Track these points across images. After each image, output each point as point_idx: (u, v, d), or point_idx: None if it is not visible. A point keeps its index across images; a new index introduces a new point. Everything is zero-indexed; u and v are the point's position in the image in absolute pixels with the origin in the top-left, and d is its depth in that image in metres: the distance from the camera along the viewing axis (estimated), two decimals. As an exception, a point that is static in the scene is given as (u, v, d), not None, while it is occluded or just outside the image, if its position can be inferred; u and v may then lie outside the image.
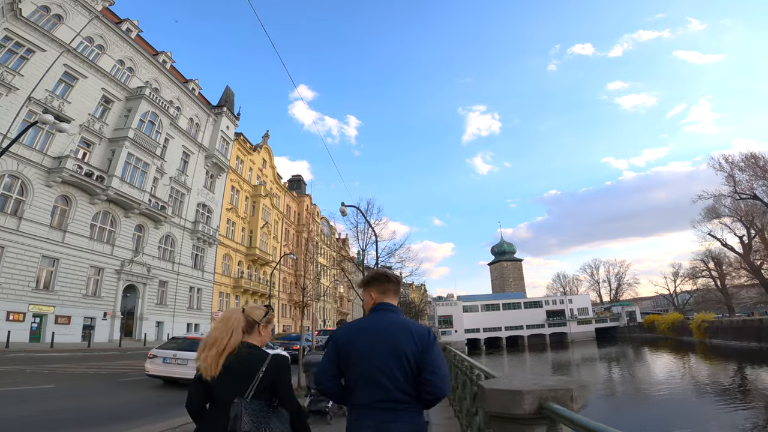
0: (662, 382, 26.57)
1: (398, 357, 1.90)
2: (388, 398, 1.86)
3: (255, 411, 1.76)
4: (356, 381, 1.92)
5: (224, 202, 35.54)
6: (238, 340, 1.89)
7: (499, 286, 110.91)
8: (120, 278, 23.52)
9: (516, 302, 72.79)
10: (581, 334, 65.56)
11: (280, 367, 1.91)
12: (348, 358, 1.95)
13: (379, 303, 2.12)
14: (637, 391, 25.06)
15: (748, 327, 39.40)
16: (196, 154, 32.63)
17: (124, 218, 24.52)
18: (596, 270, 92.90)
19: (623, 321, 69.17)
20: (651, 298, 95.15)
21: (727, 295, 53.92)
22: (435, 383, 1.87)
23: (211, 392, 1.85)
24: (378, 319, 2.04)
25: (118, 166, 23.72)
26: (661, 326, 58.04)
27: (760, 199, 36.39)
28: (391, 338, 1.93)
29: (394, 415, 1.85)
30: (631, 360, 42.22)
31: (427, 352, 1.92)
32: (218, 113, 36.60)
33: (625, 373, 33.29)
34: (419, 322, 18.25)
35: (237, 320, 1.92)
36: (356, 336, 2.00)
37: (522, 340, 66.72)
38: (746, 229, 41.53)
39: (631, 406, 21.33)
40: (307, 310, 56.97)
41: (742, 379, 26.29)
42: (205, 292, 31.21)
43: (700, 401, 20.28)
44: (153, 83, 28.42)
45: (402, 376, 1.88)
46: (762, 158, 35.27)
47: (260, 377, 1.83)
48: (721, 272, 52.20)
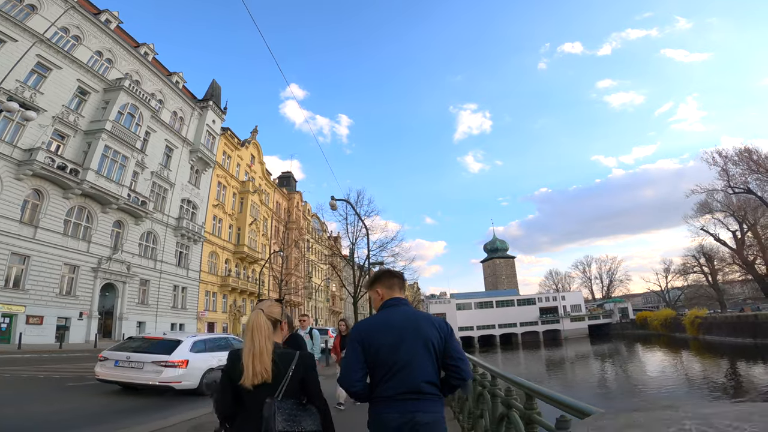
0: (657, 380, 26.27)
1: (426, 347, 1.95)
2: (415, 389, 1.89)
3: (287, 410, 1.79)
4: (384, 375, 1.93)
5: (210, 198, 34.44)
6: (272, 343, 1.91)
7: (492, 283, 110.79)
8: (97, 276, 22.40)
9: (509, 300, 72.50)
10: (574, 331, 65.43)
11: (308, 364, 1.94)
12: (377, 354, 1.96)
13: (390, 298, 2.15)
14: (631, 390, 24.74)
15: (743, 323, 39.25)
16: (180, 149, 31.50)
17: (101, 214, 23.39)
18: (588, 267, 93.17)
19: (615, 318, 69.16)
20: (641, 294, 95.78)
21: (719, 291, 54.02)
22: (462, 368, 1.97)
23: (240, 395, 1.85)
24: (396, 313, 2.07)
25: (94, 159, 22.59)
26: (654, 322, 57.94)
27: (754, 193, 36.17)
28: (416, 329, 1.98)
29: (419, 404, 1.89)
30: (625, 357, 42.00)
31: (450, 340, 2.01)
32: (204, 107, 35.46)
33: (619, 371, 32.99)
34: None
35: (267, 324, 1.93)
36: (380, 331, 2.01)
37: (516, 337, 66.41)
38: (739, 224, 41.38)
39: (624, 402, 21.07)
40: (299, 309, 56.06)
41: (738, 375, 26.04)
42: (190, 291, 30.12)
43: (697, 399, 19.95)
44: (134, 75, 27.38)
45: (430, 365, 1.94)
46: (756, 152, 35.11)
47: (290, 376, 1.84)
48: (712, 268, 52.23)
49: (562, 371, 36.94)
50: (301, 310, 60.70)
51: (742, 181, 36.78)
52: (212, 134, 35.78)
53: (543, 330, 67.04)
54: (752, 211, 39.43)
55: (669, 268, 72.54)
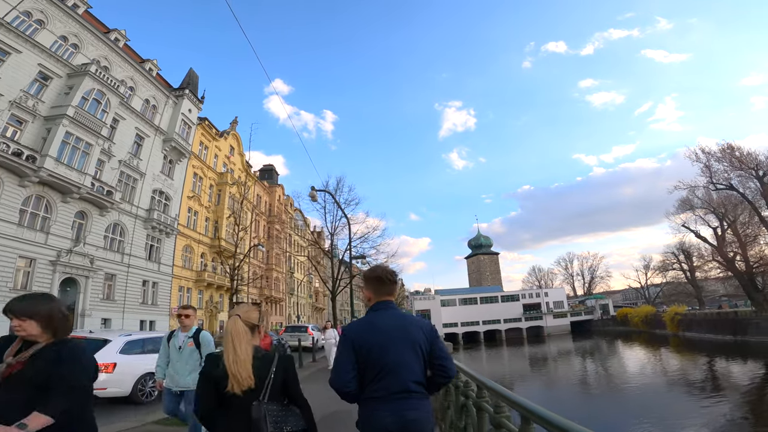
0: (637, 377, 26.24)
1: (414, 349, 2.07)
2: (405, 389, 1.99)
3: (274, 412, 1.85)
4: (375, 376, 2.01)
5: (185, 190, 32.91)
6: (252, 348, 1.93)
7: (476, 279, 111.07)
8: (56, 270, 20.89)
9: (493, 296, 72.46)
10: (557, 327, 65.74)
11: (288, 366, 2.00)
12: (368, 355, 2.02)
13: (380, 301, 2.24)
14: (611, 386, 24.69)
15: (723, 320, 39.73)
16: (152, 137, 29.91)
17: (61, 203, 21.84)
18: (570, 263, 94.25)
19: (597, 314, 69.79)
20: (621, 291, 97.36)
21: (697, 288, 54.78)
22: (448, 367, 2.13)
23: (224, 399, 1.84)
24: (386, 316, 2.16)
25: (54, 146, 21.06)
26: (635, 319, 58.57)
27: (736, 189, 36.42)
28: (405, 332, 2.09)
29: (408, 403, 1.98)
30: (606, 354, 42.20)
31: (435, 341, 2.16)
32: (179, 96, 33.86)
33: (600, 368, 33.04)
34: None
35: (245, 331, 1.94)
36: (371, 334, 2.08)
37: (499, 334, 66.38)
38: (719, 220, 41.76)
39: (605, 400, 20.97)
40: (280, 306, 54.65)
41: (716, 372, 26.12)
42: (161, 287, 28.67)
43: (675, 396, 20.07)
44: (102, 61, 26.00)
45: (418, 366, 2.06)
46: (738, 149, 35.32)
47: (272, 378, 1.89)
48: (691, 265, 52.89)
49: (545, 368, 36.95)
50: (282, 307, 59.51)
51: (724, 177, 37.02)
52: (188, 123, 34.21)
53: (526, 326, 67.13)
54: (732, 208, 39.77)
55: (649, 265, 73.89)
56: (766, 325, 33.37)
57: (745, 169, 34.83)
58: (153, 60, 32.64)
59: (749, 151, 35.82)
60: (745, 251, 38.36)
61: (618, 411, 18.26)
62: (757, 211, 35.57)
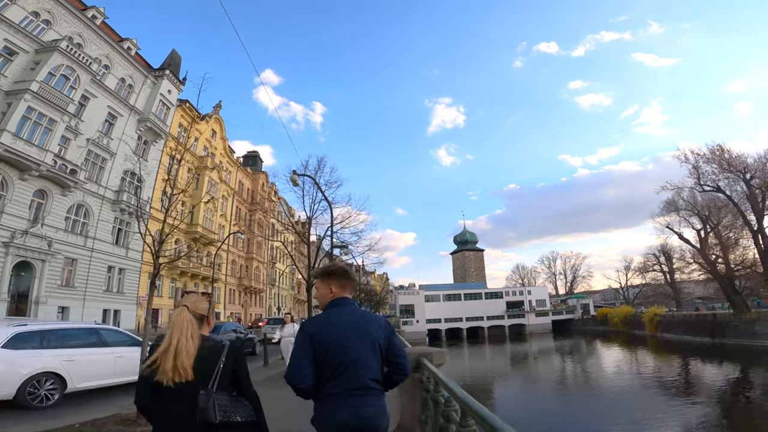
0: (614, 377, 26.19)
1: (373, 346, 2.08)
2: (361, 385, 1.99)
3: (223, 401, 1.79)
4: (332, 373, 1.99)
5: (160, 172, 31.29)
6: (199, 338, 1.89)
7: (461, 276, 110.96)
8: (9, 253, 19.41)
9: (477, 293, 72.18)
10: (539, 326, 65.84)
11: (238, 356, 1.96)
12: (326, 352, 2.01)
13: (339, 297, 2.22)
14: (589, 386, 24.63)
15: (701, 322, 39.93)
16: (126, 117, 28.32)
17: (18, 181, 20.30)
18: (553, 262, 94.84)
19: (578, 314, 70.15)
20: (600, 291, 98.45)
21: (676, 290, 55.39)
22: (405, 365, 2.16)
23: (162, 389, 1.80)
24: (346, 312, 2.16)
25: (13, 120, 19.65)
26: (614, 319, 58.92)
27: (723, 192, 36.45)
28: (364, 329, 2.09)
29: (365, 399, 1.99)
30: (585, 354, 42.32)
31: (392, 339, 2.17)
32: (158, 76, 32.29)
33: (578, 368, 33.08)
34: (380, 311, 15.58)
35: (190, 321, 1.90)
36: (329, 330, 2.07)
37: (482, 331, 66.18)
38: (702, 223, 41.93)
39: (583, 400, 20.81)
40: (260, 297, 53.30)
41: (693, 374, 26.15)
42: (129, 273, 27.22)
43: (651, 397, 19.77)
44: (75, 38, 24.85)
45: (375, 363, 2.07)
46: (728, 151, 35.27)
47: (221, 368, 1.85)
48: (671, 267, 53.36)
49: (525, 367, 36.89)
50: (263, 299, 58.20)
51: (712, 179, 36.98)
52: (166, 104, 32.63)
53: (509, 324, 67.08)
54: (716, 211, 39.93)
55: (629, 266, 74.66)
56: (744, 327, 33.58)
57: (733, 171, 34.78)
58: (132, 39, 31.05)
59: (738, 154, 35.89)
60: (726, 254, 38.56)
61: (595, 411, 18.21)
62: (742, 213, 35.62)
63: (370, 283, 77.51)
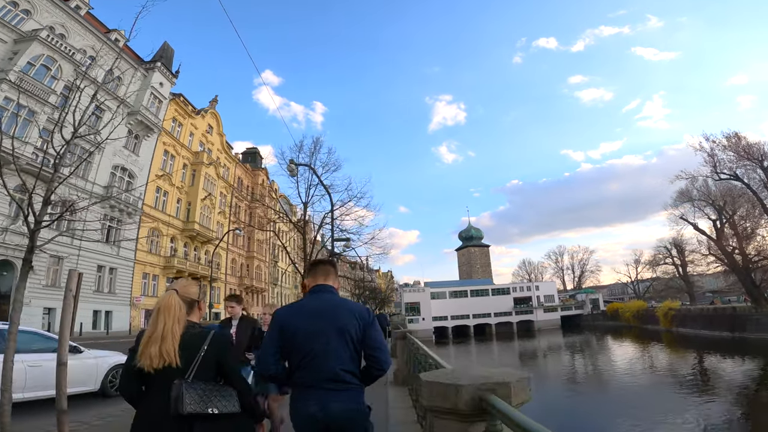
0: (631, 373, 25.04)
1: (342, 335, 1.92)
2: (332, 377, 1.85)
3: (197, 391, 1.69)
4: (301, 361, 1.90)
5: (153, 168, 30.22)
6: (184, 324, 1.81)
7: (467, 272, 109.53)
8: (-13, 251, 18.32)
9: (484, 289, 70.79)
10: (547, 322, 64.40)
11: (221, 344, 1.86)
12: (293, 339, 1.93)
13: (315, 285, 2.10)
14: (603, 384, 23.38)
15: (720, 316, 38.40)
16: (114, 109, 27.01)
17: (-4, 175, 19.15)
18: (560, 257, 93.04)
19: (587, 309, 68.71)
20: (607, 286, 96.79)
21: (689, 283, 53.98)
22: (381, 358, 1.96)
23: (144, 376, 1.73)
24: (319, 300, 2.05)
25: (-11, 110, 18.46)
26: (626, 314, 57.55)
27: (741, 180, 34.90)
28: (334, 317, 1.95)
29: (336, 395, 1.85)
30: (597, 350, 41.04)
31: (368, 330, 1.98)
32: (149, 68, 31.19)
33: (589, 364, 31.79)
34: (385, 309, 14.30)
35: (179, 305, 1.82)
36: (298, 316, 1.98)
37: (490, 328, 64.73)
38: (718, 213, 40.38)
39: (599, 399, 19.52)
40: (263, 296, 52.01)
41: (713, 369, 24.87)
42: (121, 273, 26.11)
43: (670, 394, 18.52)
44: (58, 28, 24.11)
45: (347, 354, 1.91)
46: (744, 138, 33.75)
47: (201, 356, 1.76)
48: (683, 260, 52.12)
49: (534, 364, 35.62)
50: (265, 298, 57.09)
51: (728, 167, 35.47)
52: (158, 97, 31.50)
53: (517, 321, 65.66)
54: (732, 200, 38.38)
55: (639, 260, 73.05)
56: (766, 321, 32.00)
57: (752, 159, 33.24)
58: (120, 30, 29.88)
59: (755, 141, 34.34)
60: (742, 245, 37.01)
61: (610, 410, 16.88)
62: (761, 201, 34.13)
63: (375, 280, 76.24)
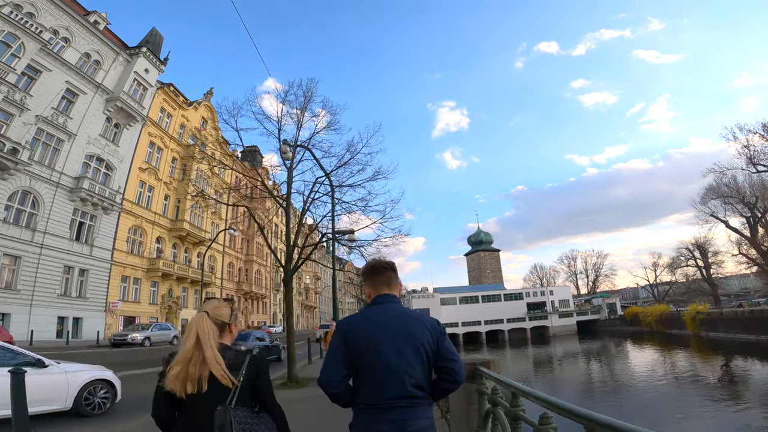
0: (661, 382, 22.16)
1: (416, 348, 1.78)
2: (404, 394, 1.73)
3: (241, 418, 1.61)
4: (368, 378, 1.76)
5: (136, 160, 27.67)
6: (218, 348, 1.68)
7: (476, 278, 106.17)
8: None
9: (495, 294, 67.67)
10: (562, 327, 61.26)
11: (259, 367, 1.76)
12: (360, 355, 1.77)
13: (378, 296, 1.96)
14: (620, 392, 20.44)
15: (756, 319, 35.33)
16: (90, 95, 24.75)
17: (-62, 159, 16.64)
18: (573, 261, 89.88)
19: (604, 314, 65.63)
20: (619, 290, 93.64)
21: (713, 285, 51.15)
22: (456, 370, 1.83)
23: (178, 401, 1.65)
24: (386, 311, 1.89)
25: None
26: (648, 318, 54.57)
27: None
28: (406, 329, 1.81)
29: (411, 412, 1.72)
30: (617, 356, 38.20)
31: (442, 341, 1.87)
32: (133, 54, 28.76)
33: (605, 371, 29.24)
34: None
35: (210, 329, 1.69)
36: (366, 329, 1.82)
37: (502, 334, 61.68)
38: (750, 209, 37.15)
39: (620, 405, 17.32)
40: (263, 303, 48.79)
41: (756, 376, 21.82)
42: (94, 275, 23.36)
43: (704, 401, 16.76)
44: (26, 6, 21.67)
45: (420, 368, 1.78)
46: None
47: (241, 381, 1.68)
48: (706, 261, 49.24)
49: (549, 371, 33.29)
50: (266, 305, 54.33)
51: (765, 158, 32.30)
52: (143, 84, 29.05)
53: (531, 327, 62.61)
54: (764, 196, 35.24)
55: (658, 263, 70.14)
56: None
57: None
58: (102, 13, 27.74)
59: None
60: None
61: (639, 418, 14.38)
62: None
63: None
